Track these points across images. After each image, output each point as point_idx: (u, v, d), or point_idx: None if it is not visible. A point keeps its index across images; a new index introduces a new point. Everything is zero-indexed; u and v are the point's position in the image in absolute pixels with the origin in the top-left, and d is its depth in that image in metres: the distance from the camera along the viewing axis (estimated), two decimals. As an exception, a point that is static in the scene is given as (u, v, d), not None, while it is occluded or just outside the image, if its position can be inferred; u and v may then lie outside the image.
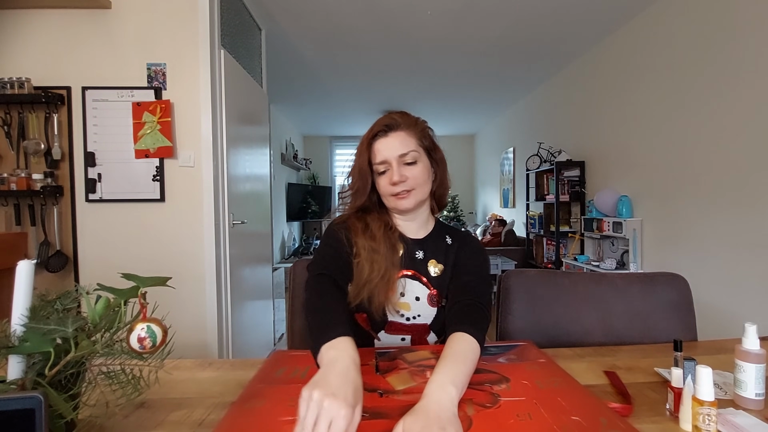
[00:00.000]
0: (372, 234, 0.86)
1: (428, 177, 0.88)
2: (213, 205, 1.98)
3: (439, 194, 0.94)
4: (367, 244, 0.85)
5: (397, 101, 4.97)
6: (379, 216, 0.91)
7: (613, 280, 1.04)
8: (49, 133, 1.95)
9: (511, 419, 0.53)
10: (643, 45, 2.67)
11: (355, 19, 2.78)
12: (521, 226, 4.65)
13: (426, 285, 0.88)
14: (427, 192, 0.89)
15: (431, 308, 0.87)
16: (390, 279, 0.83)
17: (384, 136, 0.86)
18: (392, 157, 0.84)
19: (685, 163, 2.33)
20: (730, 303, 2.04)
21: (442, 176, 0.92)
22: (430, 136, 0.91)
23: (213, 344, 1.99)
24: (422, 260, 0.90)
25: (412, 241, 0.91)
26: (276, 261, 4.55)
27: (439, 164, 0.92)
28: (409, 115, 0.90)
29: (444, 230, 0.95)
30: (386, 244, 0.86)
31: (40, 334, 0.48)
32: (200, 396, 0.66)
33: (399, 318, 0.86)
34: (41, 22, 1.96)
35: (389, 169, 0.85)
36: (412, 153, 0.85)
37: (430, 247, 0.91)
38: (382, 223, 0.89)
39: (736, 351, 0.62)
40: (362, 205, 0.90)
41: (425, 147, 0.88)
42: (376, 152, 0.86)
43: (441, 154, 0.93)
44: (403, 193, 0.85)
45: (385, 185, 0.86)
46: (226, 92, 2.08)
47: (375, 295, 0.82)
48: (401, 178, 0.83)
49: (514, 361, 0.74)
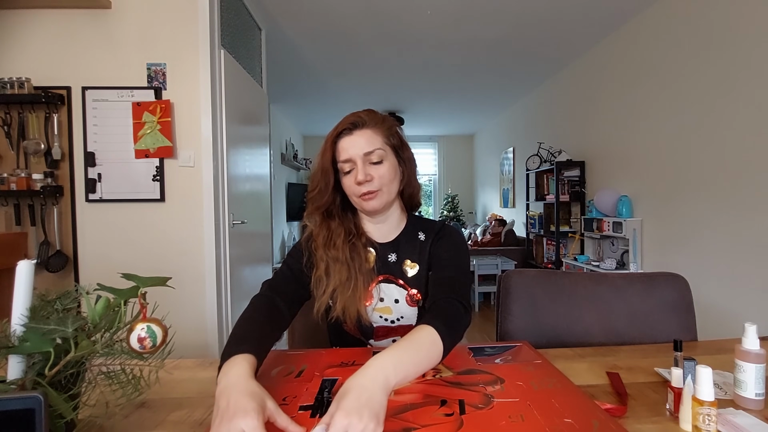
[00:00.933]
0: (333, 242, 0.84)
1: (395, 176, 0.85)
2: (213, 205, 1.98)
3: (408, 194, 0.90)
4: (326, 254, 0.83)
5: (397, 101, 4.97)
6: (341, 222, 0.88)
7: (613, 280, 1.04)
8: (49, 133, 1.95)
9: (503, 420, 0.53)
10: (643, 45, 2.67)
11: (355, 19, 2.78)
12: (521, 226, 4.65)
13: (402, 286, 0.87)
14: (394, 192, 0.86)
15: (411, 308, 0.86)
16: (356, 288, 0.81)
17: (349, 134, 0.82)
18: (357, 155, 0.81)
19: (685, 163, 2.33)
20: (730, 303, 2.04)
21: (410, 175, 0.89)
22: (398, 134, 0.87)
23: (213, 344, 1.99)
24: (396, 262, 0.88)
25: (382, 245, 0.89)
26: (276, 261, 4.55)
27: (407, 163, 0.88)
28: (376, 113, 0.87)
29: (417, 227, 0.92)
30: (349, 252, 0.84)
31: (40, 334, 0.48)
32: (200, 396, 0.66)
33: (384, 322, 0.86)
34: (41, 22, 1.95)
35: (354, 168, 0.82)
36: (378, 151, 0.82)
37: (403, 248, 0.89)
38: (344, 230, 0.86)
39: (736, 351, 0.62)
40: (325, 206, 0.86)
41: (392, 145, 0.85)
42: (340, 150, 0.83)
43: (409, 152, 0.89)
44: (369, 194, 0.82)
45: (350, 185, 0.83)
46: (226, 92, 2.08)
47: (347, 307, 0.80)
48: (366, 177, 0.80)
49: (509, 362, 0.74)
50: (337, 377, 0.67)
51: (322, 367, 0.72)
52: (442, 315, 0.70)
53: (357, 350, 0.81)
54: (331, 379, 0.67)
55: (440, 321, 0.67)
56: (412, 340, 0.63)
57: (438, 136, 7.20)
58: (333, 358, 0.76)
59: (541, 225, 4.00)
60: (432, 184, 7.41)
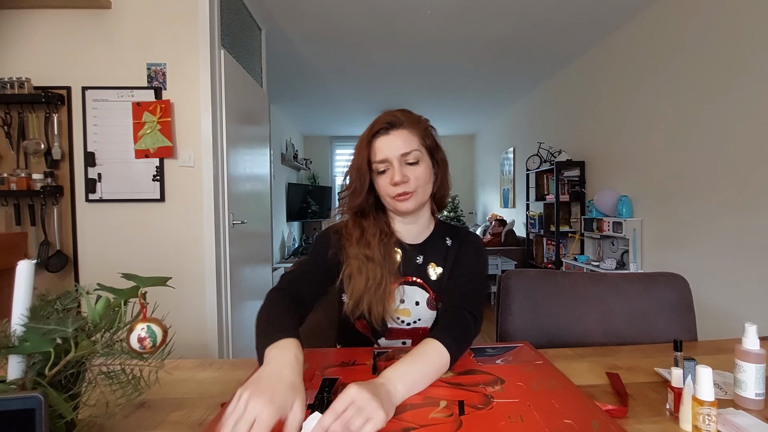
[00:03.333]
0: (367, 241, 0.84)
1: (430, 178, 0.85)
2: (213, 205, 1.98)
3: (440, 196, 0.91)
4: (360, 252, 0.83)
5: (397, 101, 4.97)
6: (375, 221, 0.87)
7: (613, 280, 1.04)
8: (49, 133, 1.95)
9: (502, 421, 0.53)
10: (643, 45, 2.67)
11: (355, 19, 2.78)
12: (521, 226, 4.65)
13: (426, 289, 0.87)
14: (428, 194, 0.86)
15: (431, 312, 0.86)
16: (386, 289, 0.81)
17: (385, 134, 0.82)
18: (394, 156, 0.80)
19: (685, 163, 2.33)
20: (730, 303, 2.04)
21: (443, 177, 0.89)
22: (432, 136, 0.87)
23: (213, 344, 1.99)
24: (422, 265, 0.88)
25: (411, 246, 0.89)
26: (276, 261, 4.55)
27: (441, 165, 0.88)
28: (412, 113, 0.86)
29: (444, 231, 0.93)
30: (382, 252, 0.83)
31: (40, 334, 0.48)
32: (200, 396, 0.66)
33: (399, 324, 0.86)
34: (41, 22, 1.95)
35: (390, 169, 0.81)
36: (415, 152, 0.81)
37: (430, 251, 0.90)
38: (378, 230, 0.86)
39: (736, 351, 0.62)
40: (359, 206, 0.86)
41: (427, 147, 0.85)
42: (376, 150, 0.82)
43: (443, 154, 0.89)
44: (404, 195, 0.81)
45: (385, 185, 0.83)
46: (226, 92, 2.08)
47: (373, 306, 0.80)
48: (403, 179, 0.80)
49: (510, 362, 0.73)
50: (337, 377, 0.67)
51: (322, 366, 0.72)
52: (451, 328, 0.71)
53: (358, 350, 0.81)
54: (331, 378, 0.67)
55: (448, 334, 0.68)
56: (419, 354, 0.64)
57: (438, 136, 7.19)
58: (334, 358, 0.76)
59: (541, 225, 4.00)
60: (432, 184, 7.40)
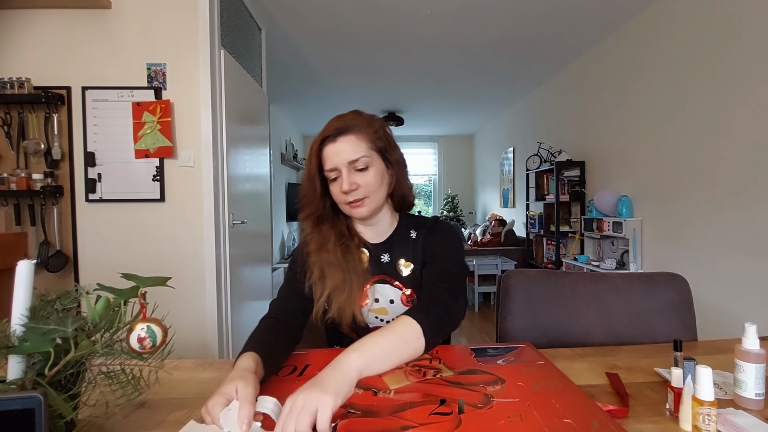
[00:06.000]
0: (326, 248, 0.84)
1: (382, 182, 0.83)
2: (213, 205, 1.98)
3: (398, 196, 0.89)
4: (320, 259, 0.83)
5: (397, 101, 4.97)
6: (332, 225, 0.87)
7: (613, 280, 1.04)
8: (49, 133, 1.95)
9: (502, 420, 0.53)
10: (643, 45, 2.67)
11: (355, 19, 2.78)
12: (521, 226, 4.65)
13: (397, 287, 0.87)
14: (382, 198, 0.84)
15: (407, 308, 0.86)
16: (352, 292, 0.81)
17: (333, 141, 0.79)
18: (342, 163, 0.79)
19: (685, 164, 2.33)
20: (730, 303, 2.04)
21: (399, 177, 0.86)
22: (385, 136, 0.84)
23: (213, 344, 1.99)
24: (390, 263, 0.88)
25: (374, 246, 0.89)
26: (276, 261, 4.56)
27: (395, 165, 0.86)
28: (362, 114, 0.84)
29: (409, 225, 0.91)
30: (342, 254, 0.83)
31: (40, 334, 0.48)
32: (200, 396, 0.66)
33: (380, 323, 0.86)
34: (41, 22, 1.95)
35: (340, 176, 0.80)
36: (363, 159, 0.79)
37: (396, 248, 0.89)
38: (335, 233, 0.85)
39: (736, 351, 0.62)
40: (315, 213, 0.86)
41: (379, 149, 0.82)
42: (325, 158, 0.80)
43: (397, 153, 0.87)
44: (356, 202, 0.80)
45: (337, 193, 0.82)
46: (226, 92, 2.08)
47: (343, 310, 0.81)
48: (351, 187, 0.79)
49: (511, 362, 0.73)
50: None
51: (323, 365, 0.72)
52: (426, 306, 0.70)
53: None
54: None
55: (422, 312, 0.67)
56: (385, 330, 0.64)
57: (438, 136, 7.20)
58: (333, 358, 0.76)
59: (541, 225, 4.00)
60: (432, 184, 7.41)
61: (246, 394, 0.53)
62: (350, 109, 0.86)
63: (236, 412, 0.51)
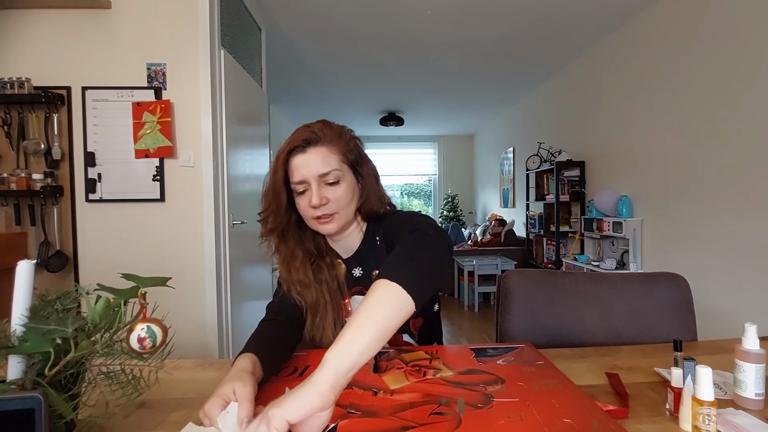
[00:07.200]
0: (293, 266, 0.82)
1: (352, 197, 0.79)
2: (213, 205, 1.98)
3: (366, 210, 0.83)
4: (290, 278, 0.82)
5: (397, 101, 4.97)
6: (299, 242, 0.84)
7: (613, 280, 1.04)
8: (49, 133, 1.95)
9: (502, 420, 0.53)
10: (643, 45, 2.67)
11: (355, 19, 2.78)
12: (521, 226, 4.65)
13: None
14: (351, 213, 0.81)
15: None
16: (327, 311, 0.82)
17: (302, 152, 0.75)
18: (311, 176, 0.74)
19: (685, 163, 2.33)
20: (730, 303, 2.04)
21: (369, 190, 0.82)
22: (356, 148, 0.81)
23: (213, 344, 1.99)
24: (363, 276, 0.86)
25: (346, 260, 0.88)
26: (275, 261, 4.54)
27: (366, 179, 0.82)
28: (332, 125, 0.80)
29: (375, 232, 0.86)
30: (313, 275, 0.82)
31: (40, 334, 0.48)
32: (200, 396, 0.66)
33: None
34: (41, 22, 1.95)
35: (308, 190, 0.76)
36: (335, 172, 0.75)
37: (366, 259, 0.86)
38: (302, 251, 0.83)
39: (736, 351, 0.61)
40: (278, 228, 0.81)
41: (350, 162, 0.79)
42: (293, 170, 0.76)
43: (368, 167, 0.83)
44: (325, 217, 0.77)
45: (305, 207, 0.77)
46: (226, 92, 2.08)
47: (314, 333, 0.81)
48: (321, 201, 0.75)
49: (511, 362, 0.73)
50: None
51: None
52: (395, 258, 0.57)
53: None
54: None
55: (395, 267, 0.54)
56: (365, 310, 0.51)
57: (438, 136, 7.20)
58: None
59: (541, 225, 4.00)
60: (432, 184, 7.42)
61: (244, 393, 0.53)
62: (350, 109, 0.86)
63: (234, 414, 0.52)
